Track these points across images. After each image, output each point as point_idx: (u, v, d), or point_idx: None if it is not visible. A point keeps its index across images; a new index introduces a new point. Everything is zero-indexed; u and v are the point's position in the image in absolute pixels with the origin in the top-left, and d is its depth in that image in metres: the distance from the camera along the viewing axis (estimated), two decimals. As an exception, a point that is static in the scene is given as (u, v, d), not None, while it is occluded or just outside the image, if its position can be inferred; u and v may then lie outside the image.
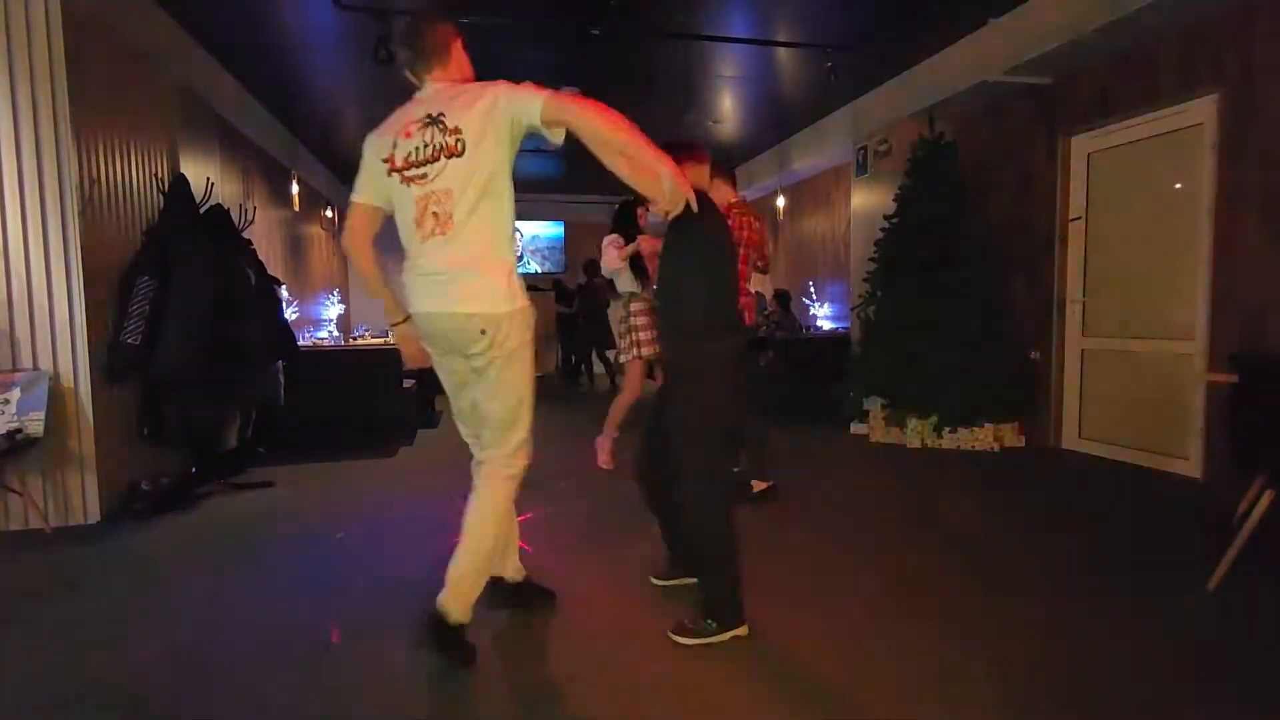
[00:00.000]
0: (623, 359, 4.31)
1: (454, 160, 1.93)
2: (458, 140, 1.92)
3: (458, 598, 1.99)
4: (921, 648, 2.16)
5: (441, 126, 1.93)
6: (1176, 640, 2.21)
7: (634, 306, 4.25)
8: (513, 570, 2.41)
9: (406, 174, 1.97)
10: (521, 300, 2.03)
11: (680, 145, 2.24)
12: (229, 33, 4.81)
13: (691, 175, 2.18)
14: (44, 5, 3.31)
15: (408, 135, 1.97)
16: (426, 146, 1.94)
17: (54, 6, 3.32)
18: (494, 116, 1.93)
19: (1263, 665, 2.05)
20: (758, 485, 3.76)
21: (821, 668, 2.05)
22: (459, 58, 2.10)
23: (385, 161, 1.99)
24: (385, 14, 4.33)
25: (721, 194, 3.84)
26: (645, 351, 4.17)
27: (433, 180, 1.94)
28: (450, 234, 1.95)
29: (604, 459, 4.45)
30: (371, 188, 2.05)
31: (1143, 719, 1.81)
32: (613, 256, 4.22)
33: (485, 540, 2.04)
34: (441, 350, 2.10)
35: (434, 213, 1.95)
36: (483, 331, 1.95)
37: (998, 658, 2.08)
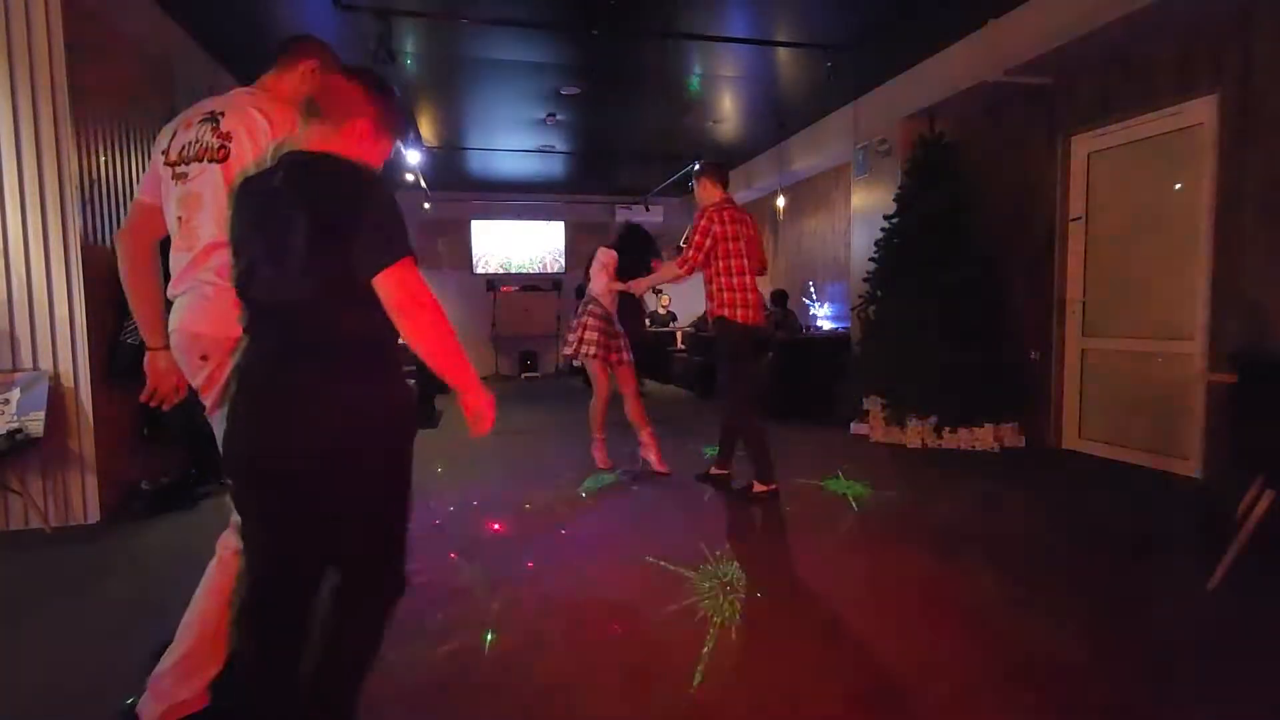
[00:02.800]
0: (582, 361, 4.39)
1: (213, 166, 1.66)
2: (223, 145, 1.67)
3: (162, 694, 1.65)
4: (919, 647, 2.16)
5: (214, 124, 1.68)
6: (1176, 640, 2.21)
7: (593, 310, 4.32)
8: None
9: (177, 170, 1.71)
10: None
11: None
12: (229, 33, 4.81)
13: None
14: (44, 5, 3.31)
15: (187, 126, 1.73)
16: (196, 144, 1.69)
17: (54, 6, 3.32)
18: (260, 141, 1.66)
19: (1263, 665, 2.05)
20: (759, 487, 3.75)
21: (821, 668, 2.05)
22: (300, 78, 1.86)
23: (163, 154, 1.75)
24: (385, 14, 4.33)
25: (706, 193, 3.86)
26: (595, 351, 4.26)
27: (191, 180, 1.68)
28: (191, 249, 1.67)
29: (601, 459, 4.49)
30: (153, 183, 1.78)
31: (1143, 719, 1.81)
32: (601, 283, 4.31)
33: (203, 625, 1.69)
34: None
35: (182, 218, 1.69)
36: (203, 357, 1.65)
37: (997, 657, 2.08)
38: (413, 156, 7.23)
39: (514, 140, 7.76)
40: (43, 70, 3.33)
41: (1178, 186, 4.21)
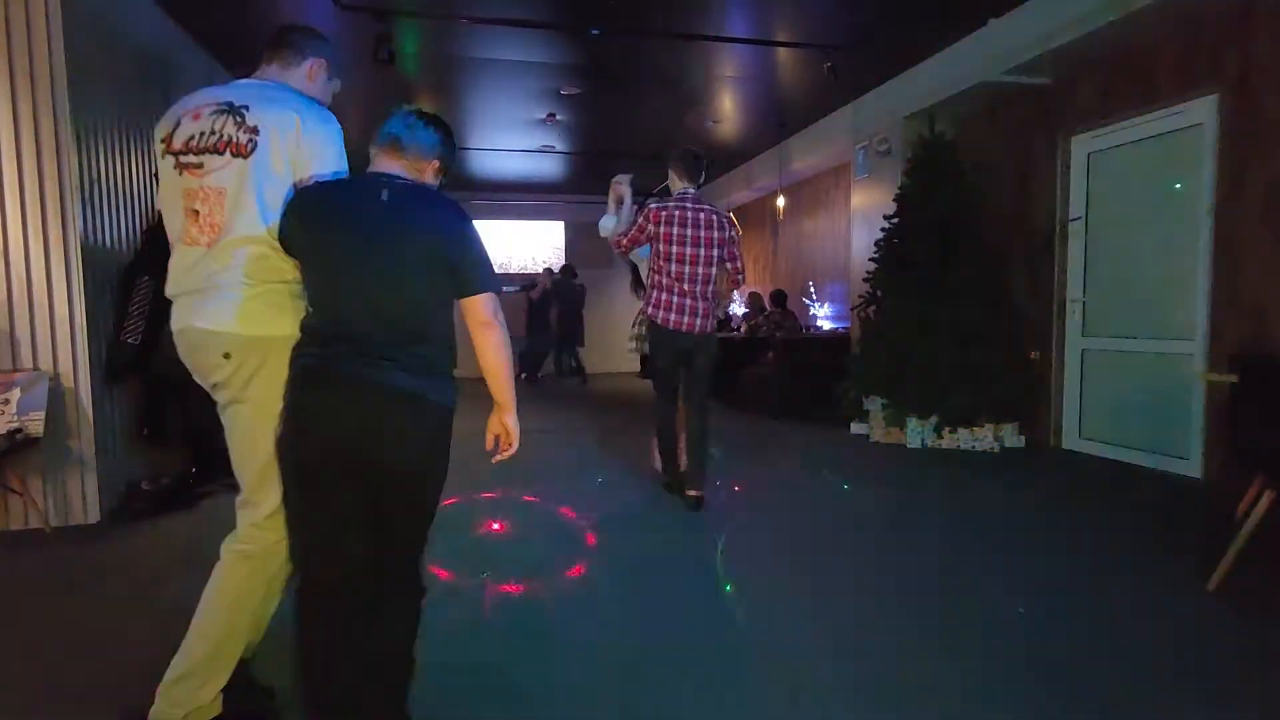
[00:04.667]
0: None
1: (238, 160, 1.60)
2: (251, 139, 1.61)
3: (174, 702, 1.63)
4: (919, 647, 2.16)
5: (239, 119, 1.62)
6: (1176, 640, 2.21)
7: None
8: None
9: (183, 159, 1.63)
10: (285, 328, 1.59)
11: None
12: (229, 33, 4.81)
13: None
14: (44, 5, 3.30)
15: (196, 117, 1.65)
16: (212, 134, 1.62)
17: (54, 6, 3.31)
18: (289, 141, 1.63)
19: (1263, 665, 2.05)
20: (693, 492, 3.57)
21: (819, 667, 2.05)
22: (312, 77, 1.87)
23: (162, 142, 1.68)
24: (385, 14, 4.33)
25: (671, 182, 3.72)
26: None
27: (209, 174, 1.61)
28: (212, 243, 1.60)
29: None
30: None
31: (1143, 719, 1.81)
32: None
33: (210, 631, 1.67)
34: (192, 369, 1.71)
35: (197, 210, 1.61)
36: (226, 355, 1.59)
37: (997, 657, 2.08)
38: None
39: (514, 140, 7.75)
40: (43, 70, 3.32)
41: (1178, 186, 4.21)
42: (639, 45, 5.22)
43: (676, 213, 3.52)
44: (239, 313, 1.58)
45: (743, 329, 8.50)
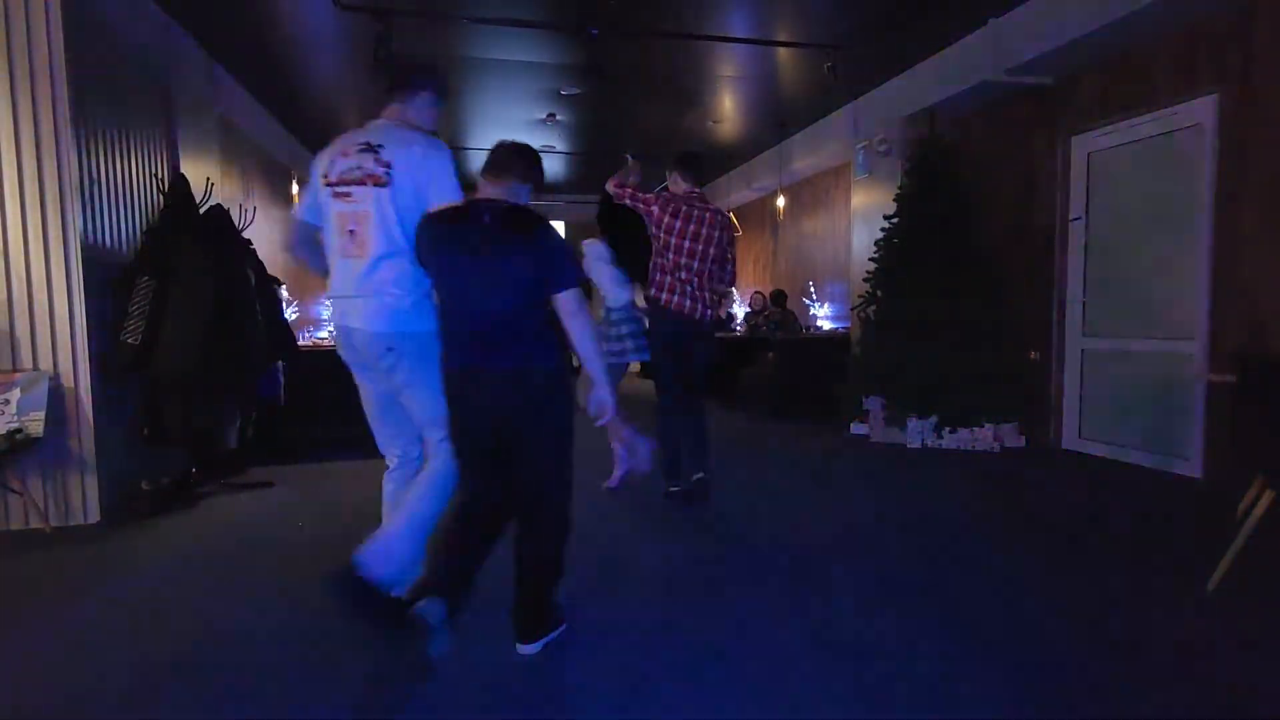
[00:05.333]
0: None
1: (378, 190, 2.07)
2: (386, 172, 2.08)
3: (384, 556, 2.02)
4: (919, 647, 2.16)
5: (376, 156, 2.09)
6: (1176, 640, 2.21)
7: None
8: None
9: (338, 190, 2.11)
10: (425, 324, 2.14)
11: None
12: (229, 33, 4.81)
13: None
14: (44, 5, 3.31)
15: (346, 154, 2.12)
16: (358, 169, 2.08)
17: (54, 6, 3.31)
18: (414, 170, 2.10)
19: (1263, 666, 2.05)
20: (696, 475, 3.60)
21: (819, 667, 2.05)
22: (425, 109, 2.27)
23: (323, 176, 2.13)
24: (385, 14, 4.33)
25: (673, 186, 3.75)
26: None
27: (356, 201, 2.08)
28: (364, 259, 2.09)
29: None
30: (314, 205, 2.20)
31: (1143, 719, 1.81)
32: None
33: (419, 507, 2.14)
34: (351, 354, 2.25)
35: (351, 231, 2.09)
36: (389, 349, 2.11)
37: (997, 657, 2.08)
38: None
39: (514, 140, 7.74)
40: (43, 70, 3.33)
41: (1178, 186, 4.21)
42: (639, 45, 5.22)
43: (683, 208, 3.60)
44: (392, 316, 2.08)
45: (744, 328, 8.51)
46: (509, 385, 1.96)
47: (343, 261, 2.12)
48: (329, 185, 2.11)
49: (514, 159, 2.05)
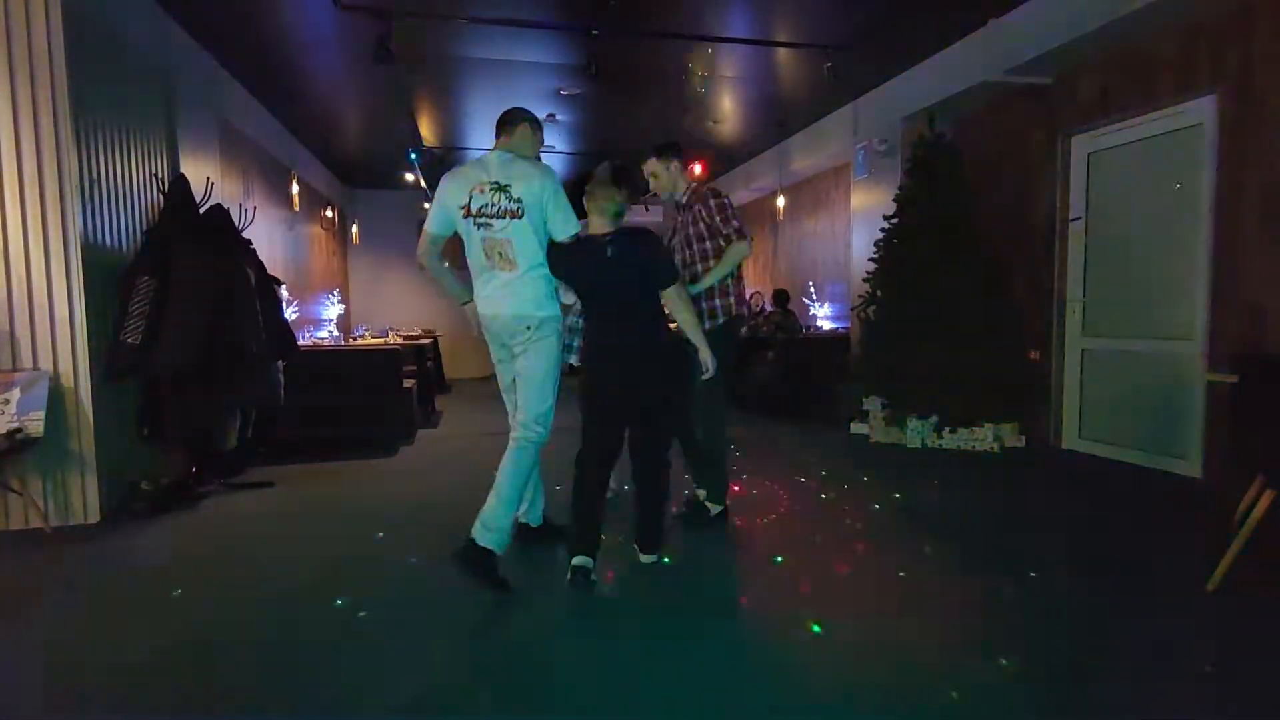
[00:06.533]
0: None
1: (515, 221, 2.63)
2: (519, 206, 2.63)
3: (486, 527, 2.55)
4: (919, 647, 2.16)
5: (508, 194, 2.63)
6: (1176, 640, 2.21)
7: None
8: (535, 518, 3.11)
9: (479, 220, 2.66)
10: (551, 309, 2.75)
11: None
12: (229, 33, 4.81)
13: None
14: (44, 5, 3.31)
15: (480, 191, 2.64)
16: (494, 206, 2.63)
17: (54, 6, 3.31)
18: (541, 199, 2.66)
19: (1263, 665, 2.05)
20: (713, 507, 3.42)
21: (818, 668, 2.05)
22: (523, 141, 2.81)
23: (461, 208, 2.66)
24: (385, 14, 4.33)
25: (686, 175, 3.59)
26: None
27: (498, 231, 2.64)
28: (515, 271, 2.68)
29: None
30: (443, 220, 2.74)
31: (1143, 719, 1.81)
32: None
33: (505, 487, 2.63)
34: (494, 339, 2.84)
35: (500, 253, 2.66)
36: (527, 327, 2.68)
37: (996, 657, 2.08)
38: None
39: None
40: (43, 70, 3.33)
41: (1178, 186, 4.21)
42: (639, 45, 5.22)
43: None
44: (532, 304, 2.68)
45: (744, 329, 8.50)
46: (639, 359, 2.68)
47: (492, 274, 2.69)
48: (470, 216, 2.65)
49: (614, 201, 2.67)
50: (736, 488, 3.97)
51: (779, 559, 2.91)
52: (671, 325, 2.82)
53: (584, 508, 2.67)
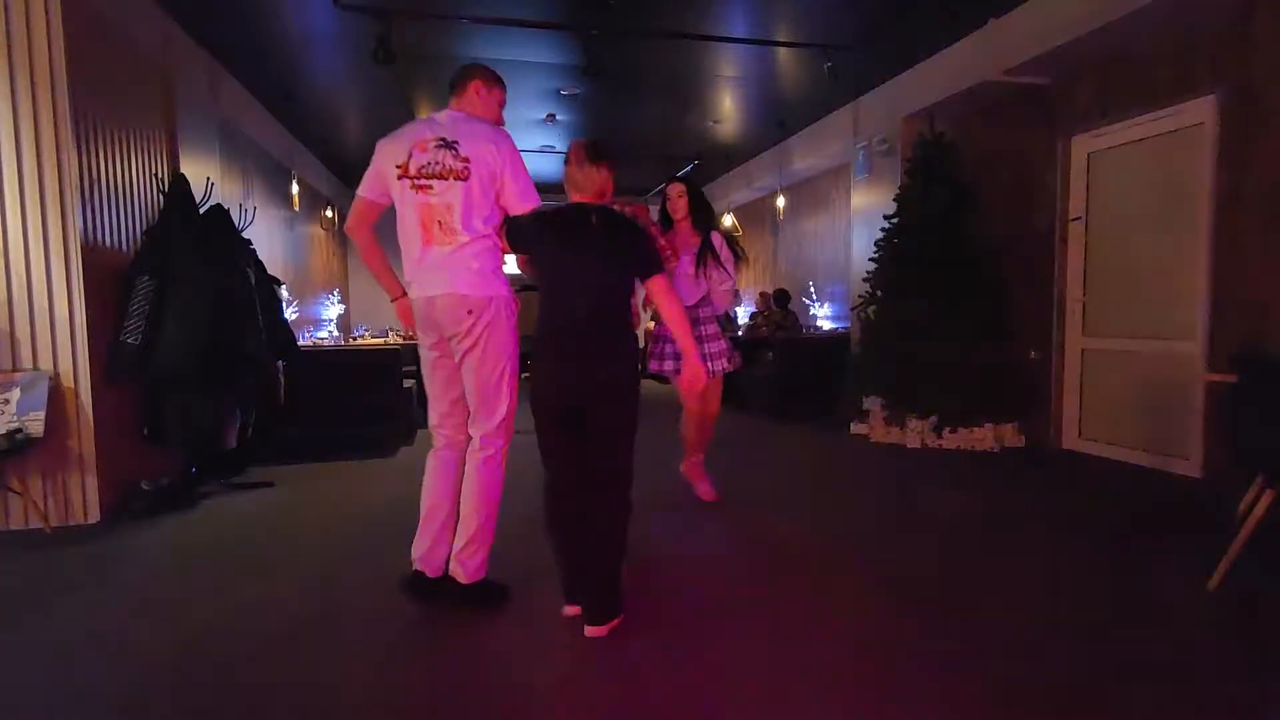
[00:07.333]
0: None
1: (460, 183, 2.25)
2: (465, 167, 2.26)
3: (462, 561, 2.34)
4: (918, 647, 2.16)
5: (454, 151, 2.26)
6: (1176, 640, 2.21)
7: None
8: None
9: (417, 182, 2.26)
10: (502, 289, 2.33)
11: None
12: (229, 33, 4.81)
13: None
14: (44, 5, 3.31)
15: (422, 149, 2.26)
16: (437, 164, 2.25)
17: (54, 6, 3.31)
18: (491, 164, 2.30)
19: (1263, 665, 2.05)
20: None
21: (818, 669, 2.05)
22: (477, 97, 2.44)
23: (398, 167, 2.27)
24: (385, 14, 4.33)
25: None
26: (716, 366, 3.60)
27: (438, 194, 2.25)
28: (455, 242, 2.26)
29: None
30: (377, 185, 2.33)
31: (1144, 719, 1.81)
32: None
33: (478, 514, 2.36)
34: (430, 328, 2.36)
35: (439, 221, 2.26)
36: (469, 312, 2.25)
37: (996, 657, 2.08)
38: None
39: (514, 140, 7.74)
40: (43, 70, 3.33)
41: (1178, 186, 4.21)
42: (639, 45, 5.22)
43: None
44: (473, 283, 2.25)
45: (744, 328, 8.50)
46: (597, 363, 2.19)
47: (428, 248, 2.27)
48: (407, 176, 2.25)
49: (586, 168, 2.27)
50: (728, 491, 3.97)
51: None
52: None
53: (561, 545, 2.27)
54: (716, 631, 2.28)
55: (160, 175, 4.25)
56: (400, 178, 2.26)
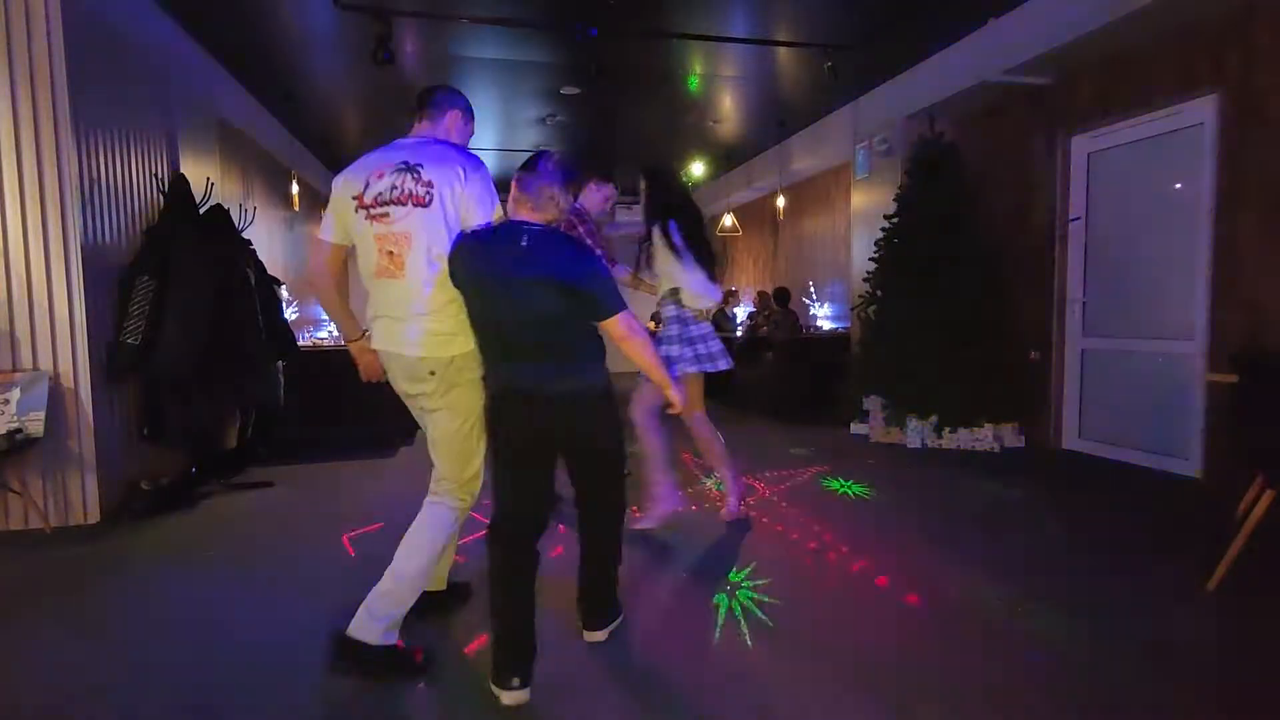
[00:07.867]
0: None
1: (420, 210, 1.99)
2: (428, 193, 1.99)
3: (373, 615, 1.98)
4: (918, 646, 2.16)
5: (416, 175, 2.00)
6: (1176, 641, 2.21)
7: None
8: (437, 582, 2.39)
9: (373, 212, 2.02)
10: (466, 344, 2.04)
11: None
12: (229, 33, 4.81)
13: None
14: (44, 5, 3.31)
15: (380, 176, 2.02)
16: (396, 190, 1.99)
17: (54, 6, 3.31)
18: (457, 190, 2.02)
19: (1263, 666, 2.05)
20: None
21: (816, 668, 2.05)
22: (453, 127, 2.21)
23: (354, 199, 2.04)
24: (385, 14, 4.33)
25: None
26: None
27: (395, 222, 1.99)
28: (404, 279, 2.00)
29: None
30: (338, 225, 2.10)
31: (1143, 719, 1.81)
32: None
33: (412, 561, 2.06)
34: (394, 379, 2.18)
35: (389, 252, 2.00)
36: (431, 373, 2.05)
37: (996, 657, 2.08)
38: None
39: (514, 140, 7.76)
40: (43, 70, 3.33)
41: (1178, 186, 4.21)
42: (639, 45, 5.21)
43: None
44: (431, 342, 2.01)
45: (744, 329, 8.50)
46: (554, 403, 1.91)
47: (380, 282, 2.04)
48: (363, 207, 2.01)
49: (526, 179, 1.96)
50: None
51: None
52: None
53: (505, 605, 1.89)
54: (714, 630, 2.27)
55: (160, 175, 4.25)
56: (357, 209, 2.02)
